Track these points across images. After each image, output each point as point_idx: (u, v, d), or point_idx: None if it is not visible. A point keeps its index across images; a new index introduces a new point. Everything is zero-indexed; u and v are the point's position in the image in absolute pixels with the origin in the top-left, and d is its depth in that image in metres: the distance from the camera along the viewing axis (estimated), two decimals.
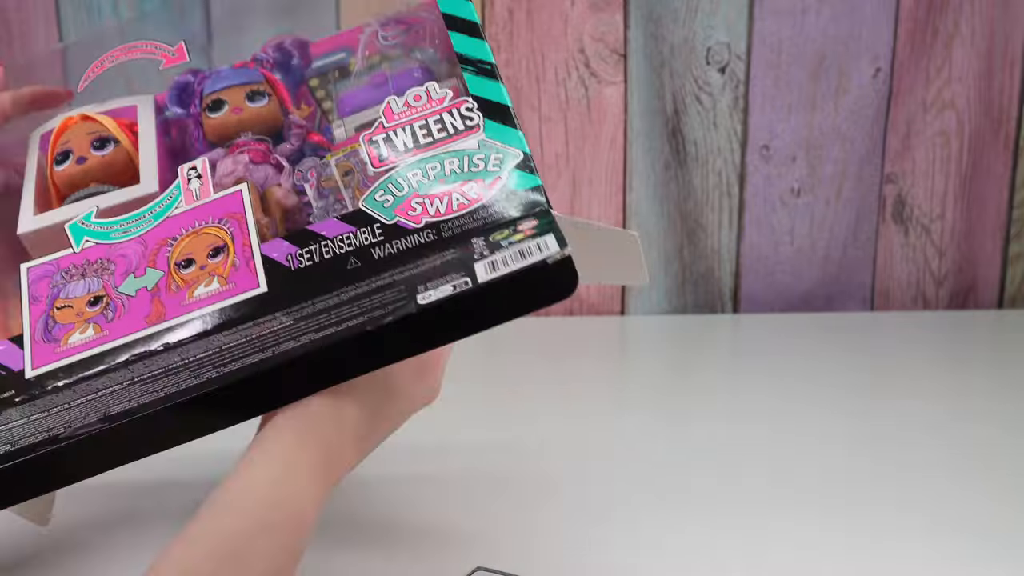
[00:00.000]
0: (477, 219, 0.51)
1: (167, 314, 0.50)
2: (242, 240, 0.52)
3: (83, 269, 0.53)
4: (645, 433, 0.85)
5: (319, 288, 0.50)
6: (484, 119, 0.55)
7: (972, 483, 0.75)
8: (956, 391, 0.93)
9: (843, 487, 0.75)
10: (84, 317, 0.51)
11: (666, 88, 1.12)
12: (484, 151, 0.54)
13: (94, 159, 0.58)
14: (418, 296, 0.48)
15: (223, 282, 0.51)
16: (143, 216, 0.54)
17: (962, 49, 1.11)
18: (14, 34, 1.11)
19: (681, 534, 0.68)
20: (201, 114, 0.60)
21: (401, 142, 0.55)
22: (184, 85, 0.61)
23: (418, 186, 0.53)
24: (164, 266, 0.52)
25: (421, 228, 0.51)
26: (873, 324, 1.15)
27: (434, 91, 0.56)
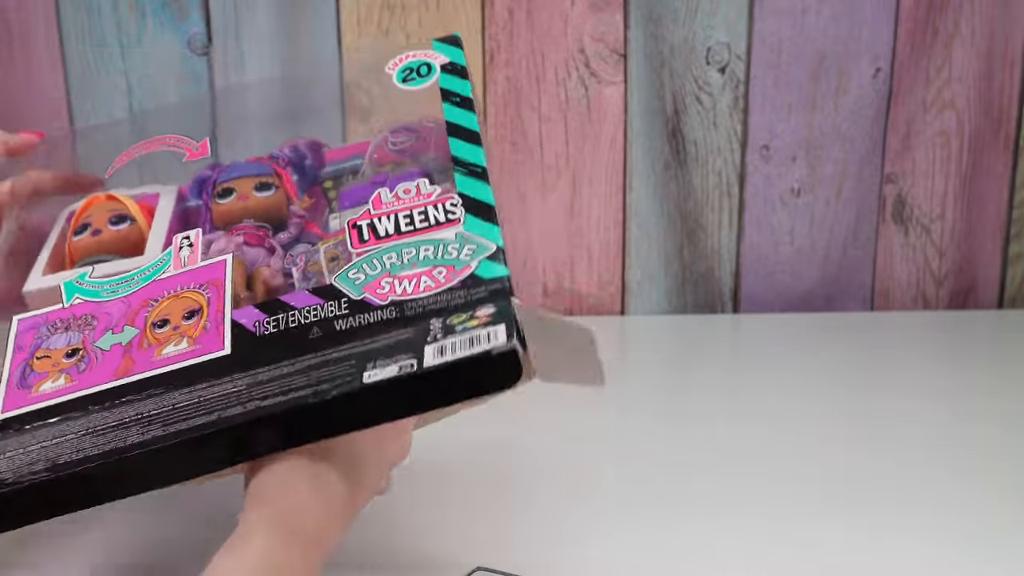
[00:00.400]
0: (439, 301, 0.52)
1: (134, 369, 0.51)
2: (217, 305, 0.54)
3: (68, 323, 0.54)
4: (645, 433, 0.85)
5: (279, 355, 0.51)
6: (466, 214, 0.56)
7: (972, 483, 0.75)
8: (956, 391, 0.93)
9: (843, 487, 0.75)
10: (59, 367, 0.52)
11: (666, 88, 1.12)
12: (459, 242, 0.55)
13: (108, 232, 0.61)
14: (365, 373, 0.49)
15: (191, 343, 0.52)
16: (132, 278, 0.56)
17: (962, 49, 1.11)
18: (14, 34, 1.11)
19: (681, 534, 0.68)
20: (211, 200, 0.62)
21: (383, 228, 0.56)
22: (204, 179, 0.64)
23: (391, 268, 0.54)
24: (141, 324, 0.54)
25: (386, 305, 0.52)
26: (873, 324, 1.15)
27: (424, 186, 0.58)
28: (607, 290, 1.18)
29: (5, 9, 1.11)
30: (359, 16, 1.11)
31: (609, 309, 1.19)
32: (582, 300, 1.19)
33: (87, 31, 1.11)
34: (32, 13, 1.11)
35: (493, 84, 1.12)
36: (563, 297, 1.18)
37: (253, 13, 1.11)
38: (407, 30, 1.11)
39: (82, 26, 1.11)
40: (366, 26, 1.11)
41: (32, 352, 0.53)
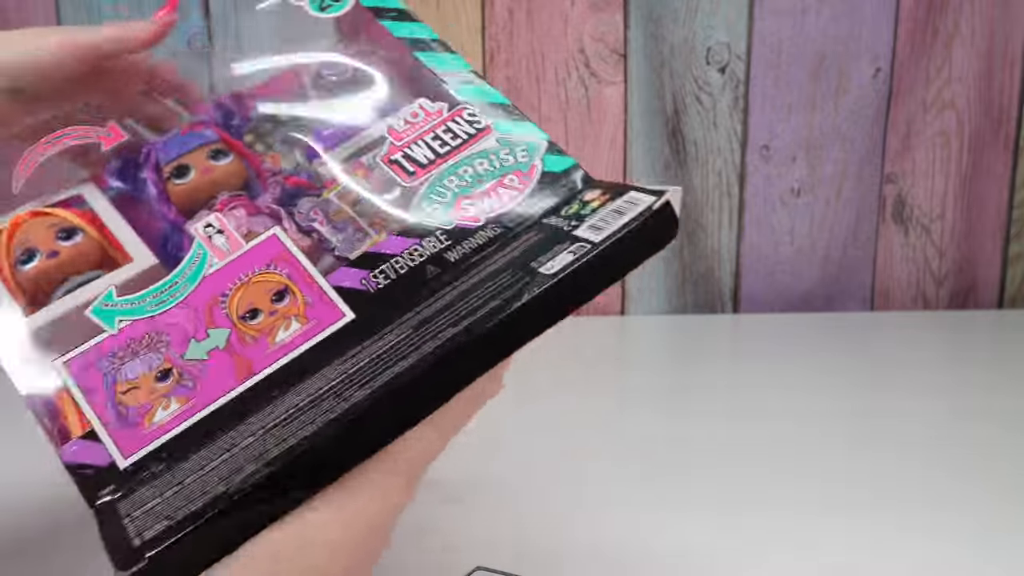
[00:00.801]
0: (534, 205, 0.51)
1: (257, 366, 0.48)
2: (303, 278, 0.50)
3: (132, 348, 0.50)
4: (645, 433, 0.85)
5: (410, 302, 0.48)
6: (491, 120, 0.55)
7: (972, 482, 0.75)
8: (956, 390, 0.93)
9: (843, 486, 0.75)
10: (159, 393, 0.48)
11: (666, 88, 1.12)
12: (507, 146, 0.54)
13: (65, 250, 0.54)
14: (540, 268, 0.47)
15: (303, 320, 0.49)
16: (175, 283, 0.52)
17: (962, 49, 1.11)
18: None
19: (681, 534, 0.68)
20: (165, 185, 0.57)
21: (422, 155, 0.54)
22: (126, 159, 0.58)
23: (459, 190, 0.52)
24: (226, 323, 0.50)
25: (484, 224, 0.51)
26: (873, 324, 1.15)
27: (428, 106, 0.56)
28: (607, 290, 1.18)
29: (5, 9, 1.11)
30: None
31: (609, 309, 1.19)
32: None
33: None
34: (32, 13, 1.11)
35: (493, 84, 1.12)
36: None
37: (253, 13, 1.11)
38: None
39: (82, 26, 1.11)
40: None
41: (110, 389, 0.48)
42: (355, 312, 0.49)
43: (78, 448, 0.46)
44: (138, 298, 0.51)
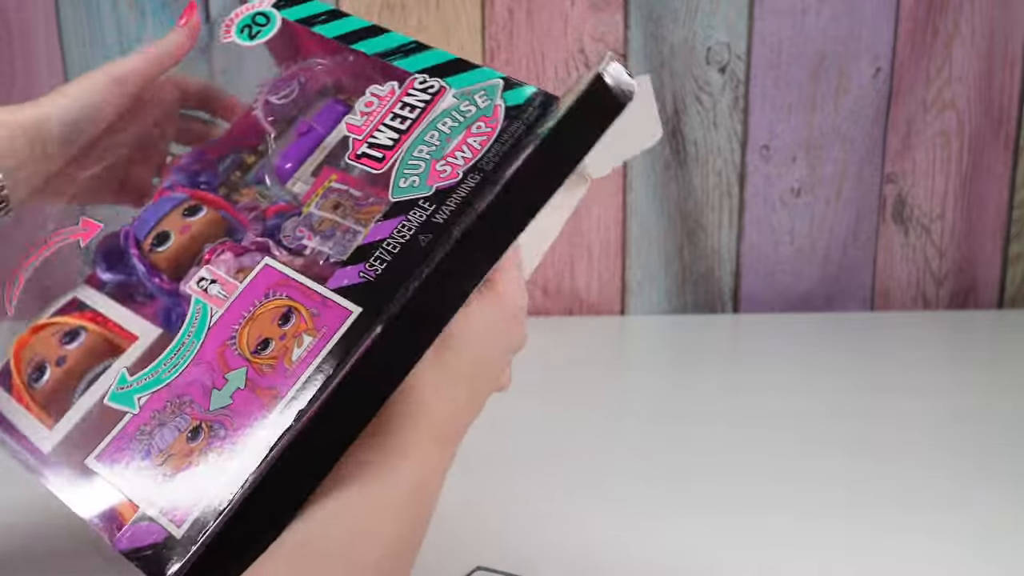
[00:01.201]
0: (507, 140, 0.51)
1: (281, 392, 0.47)
2: (305, 293, 0.50)
3: (158, 419, 0.49)
4: (645, 433, 0.85)
5: (410, 271, 0.48)
6: (443, 79, 0.54)
7: (972, 482, 0.75)
8: (956, 391, 0.93)
9: (843, 487, 0.75)
10: (196, 451, 0.47)
11: (666, 88, 1.12)
12: (465, 99, 0.53)
13: (72, 353, 0.54)
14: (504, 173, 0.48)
15: (314, 333, 0.48)
16: (183, 343, 0.51)
17: (962, 49, 1.11)
18: (14, 34, 1.11)
19: (681, 534, 0.68)
20: (150, 257, 0.56)
21: (386, 138, 0.54)
22: (109, 248, 0.57)
23: (431, 155, 0.52)
24: (241, 362, 0.49)
25: (462, 178, 0.50)
26: (873, 324, 1.15)
27: (379, 90, 0.56)
28: (607, 290, 1.18)
29: (5, 9, 1.11)
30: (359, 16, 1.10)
31: (609, 309, 1.19)
32: (582, 300, 1.19)
33: (87, 31, 1.11)
34: (32, 13, 1.11)
35: None
36: (563, 297, 1.18)
37: None
38: (407, 30, 1.11)
39: (82, 26, 1.11)
40: None
41: (148, 464, 0.47)
42: (361, 305, 0.48)
43: (132, 532, 0.46)
44: (151, 370, 0.51)
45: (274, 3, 0.62)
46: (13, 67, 1.12)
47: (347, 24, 0.60)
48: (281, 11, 0.61)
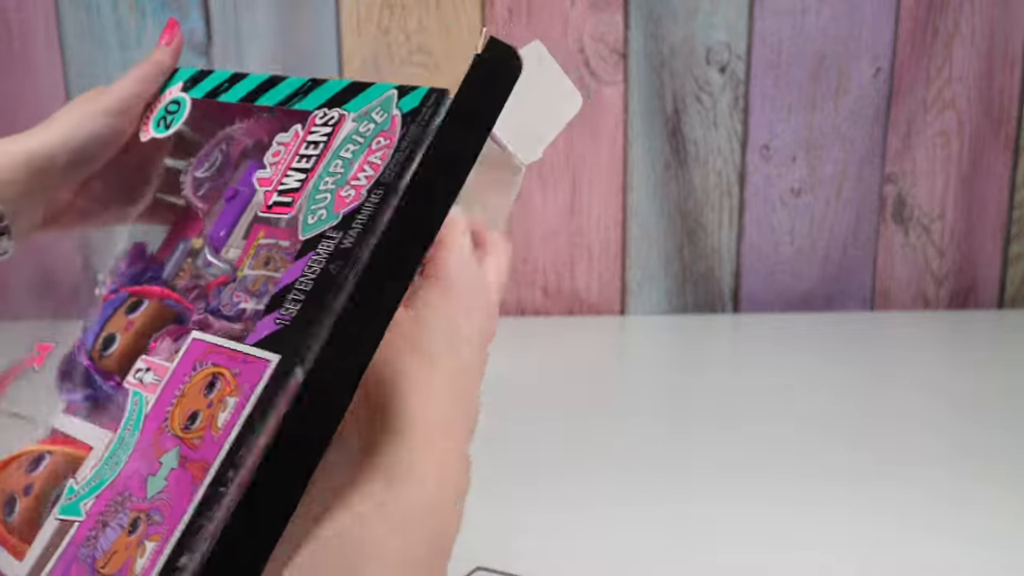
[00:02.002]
0: (406, 146, 0.49)
1: (210, 461, 0.45)
2: (228, 358, 0.48)
3: (102, 520, 0.47)
4: (645, 433, 0.85)
5: (327, 305, 0.46)
6: (341, 107, 0.53)
7: (973, 482, 0.75)
8: (956, 391, 0.93)
9: (844, 487, 0.75)
10: (133, 544, 0.45)
11: (666, 88, 1.12)
12: (364, 120, 0.52)
13: (38, 479, 0.53)
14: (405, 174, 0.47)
15: (236, 393, 0.46)
16: (122, 440, 0.50)
17: (962, 49, 1.11)
18: (14, 34, 1.11)
19: (681, 533, 0.68)
20: (100, 366, 0.55)
21: (294, 180, 0.52)
22: (72, 368, 0.56)
23: (335, 184, 0.51)
24: (173, 442, 0.47)
25: (366, 197, 0.49)
26: (873, 324, 1.15)
27: (284, 137, 0.54)
28: (607, 290, 1.18)
29: (5, 9, 1.11)
30: (359, 16, 1.11)
31: (609, 309, 1.19)
32: (582, 300, 1.19)
33: (87, 31, 1.11)
34: (32, 13, 1.11)
35: None
36: (563, 297, 1.18)
37: (253, 13, 1.11)
38: (407, 30, 1.11)
39: (82, 26, 1.11)
40: (366, 26, 1.11)
41: (92, 568, 0.46)
42: (279, 352, 0.46)
43: None
44: (95, 475, 0.49)
45: (182, 88, 0.61)
46: (13, 67, 1.12)
47: (247, 84, 0.59)
48: (188, 92, 0.61)
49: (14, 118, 1.13)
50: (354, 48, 1.11)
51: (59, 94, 1.12)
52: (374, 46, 1.11)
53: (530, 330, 1.13)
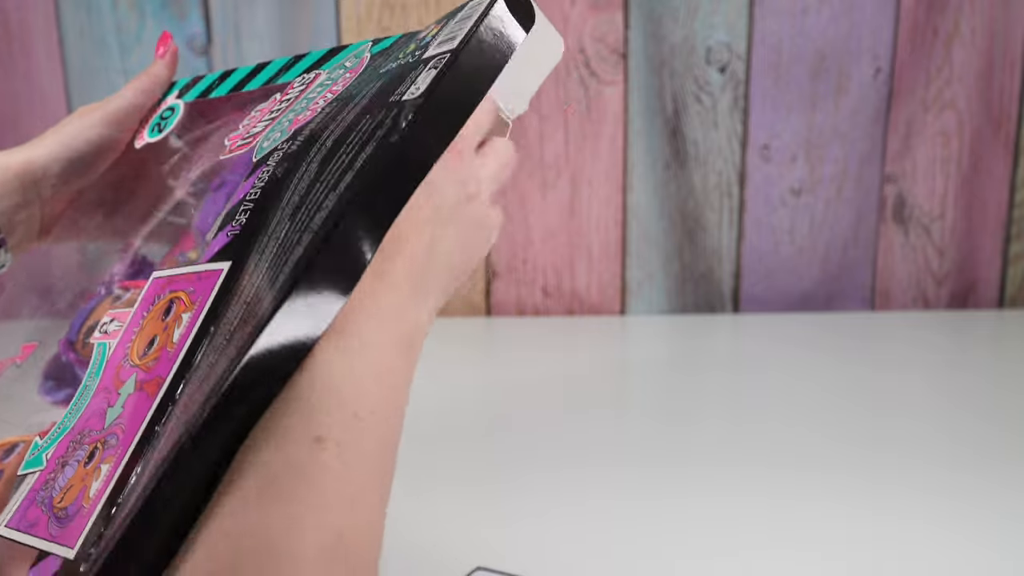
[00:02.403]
0: (375, 66, 0.48)
1: (164, 376, 0.43)
2: (184, 282, 0.46)
3: (61, 462, 0.46)
4: (645, 433, 0.85)
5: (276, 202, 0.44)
6: (319, 68, 0.53)
7: (973, 482, 0.75)
8: (956, 391, 0.93)
9: (844, 486, 0.75)
10: (89, 473, 0.43)
11: (666, 88, 1.12)
12: (337, 69, 0.52)
13: (8, 464, 0.51)
14: (404, 97, 0.43)
15: (191, 307, 0.44)
16: (85, 387, 0.48)
17: (962, 49, 1.11)
18: (14, 34, 1.11)
19: (681, 534, 0.68)
20: (80, 352, 0.53)
21: (261, 126, 0.51)
22: (57, 367, 0.54)
23: (294, 115, 0.50)
24: (131, 371, 0.45)
25: (321, 109, 0.47)
26: (873, 324, 1.15)
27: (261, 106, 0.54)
28: (607, 290, 1.18)
29: (5, 9, 1.11)
30: (359, 15, 1.11)
31: (609, 309, 1.19)
32: (582, 300, 1.19)
33: (87, 31, 1.11)
34: (32, 13, 1.11)
35: None
36: (563, 297, 1.18)
37: (253, 13, 1.11)
38: (407, 30, 1.11)
39: (82, 26, 1.11)
40: (366, 25, 1.11)
41: (49, 508, 0.44)
42: (231, 258, 0.44)
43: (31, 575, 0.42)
44: (58, 426, 0.47)
45: (178, 95, 0.61)
46: (13, 67, 1.12)
47: (235, 76, 0.59)
48: (183, 98, 0.61)
49: (14, 118, 1.13)
50: None
51: (59, 94, 1.12)
52: None
53: (530, 330, 1.13)
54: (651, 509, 0.72)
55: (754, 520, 0.70)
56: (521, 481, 0.76)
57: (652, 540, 0.67)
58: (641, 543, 0.67)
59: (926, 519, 0.70)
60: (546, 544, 0.67)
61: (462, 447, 0.82)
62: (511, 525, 0.70)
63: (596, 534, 0.68)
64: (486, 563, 0.64)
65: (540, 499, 0.73)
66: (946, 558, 0.65)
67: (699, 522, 0.70)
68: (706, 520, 0.70)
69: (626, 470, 0.78)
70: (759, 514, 0.71)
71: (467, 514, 0.71)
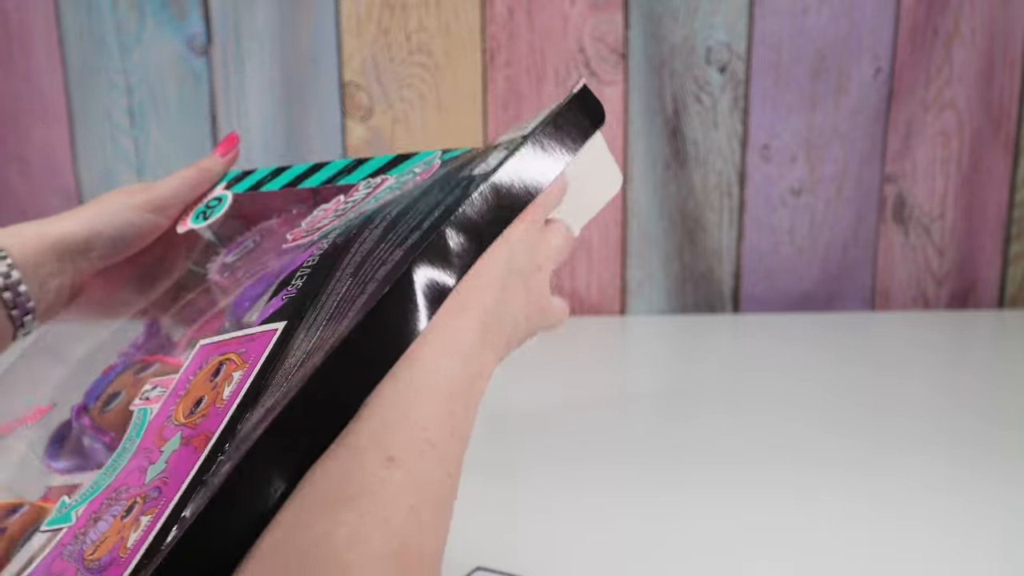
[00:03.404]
0: (447, 165, 0.50)
1: (212, 431, 0.41)
2: (235, 344, 0.45)
3: (94, 517, 0.44)
4: (645, 432, 0.85)
5: (335, 264, 0.45)
6: (386, 172, 0.54)
7: (972, 482, 0.75)
8: (956, 391, 0.93)
9: (843, 486, 0.75)
10: (127, 525, 0.41)
11: (666, 88, 1.12)
12: (404, 175, 0.52)
13: (13, 523, 0.50)
14: (475, 171, 0.46)
15: (243, 366, 0.43)
16: (124, 448, 0.46)
17: (962, 49, 1.11)
18: (14, 34, 1.11)
19: (681, 534, 0.68)
20: (96, 420, 0.52)
21: (327, 224, 0.51)
22: (60, 432, 0.53)
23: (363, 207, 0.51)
24: (176, 430, 0.44)
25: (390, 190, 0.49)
26: (873, 324, 1.15)
27: (325, 205, 0.54)
28: (607, 290, 1.18)
29: (5, 9, 1.11)
30: (359, 16, 1.11)
31: (609, 309, 1.19)
32: (582, 300, 1.19)
33: (87, 31, 1.11)
34: (32, 13, 1.11)
35: (493, 84, 1.12)
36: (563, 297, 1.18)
37: (253, 13, 1.11)
38: (407, 30, 1.11)
39: (82, 26, 1.11)
40: (366, 25, 1.11)
41: (79, 559, 0.42)
42: (286, 319, 0.43)
43: None
44: (90, 486, 0.46)
45: (226, 186, 0.62)
46: (13, 67, 1.12)
47: (291, 173, 0.59)
48: (232, 189, 0.61)
49: (14, 118, 1.13)
50: (354, 48, 1.11)
51: (59, 94, 1.12)
52: (374, 46, 1.11)
53: None
54: (651, 508, 0.72)
55: (754, 520, 0.70)
56: (521, 480, 0.76)
57: (652, 540, 0.67)
58: (641, 543, 0.67)
59: (926, 519, 0.70)
60: (546, 544, 0.67)
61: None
62: (511, 525, 0.70)
63: (596, 533, 0.68)
64: (486, 563, 0.64)
65: (540, 499, 0.73)
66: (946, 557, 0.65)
67: (699, 522, 0.70)
68: (706, 520, 0.70)
69: (626, 469, 0.78)
70: (759, 513, 0.71)
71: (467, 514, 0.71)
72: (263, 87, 1.12)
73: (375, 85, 1.12)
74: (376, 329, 0.40)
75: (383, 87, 1.12)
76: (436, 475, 0.41)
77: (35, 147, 1.14)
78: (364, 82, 1.12)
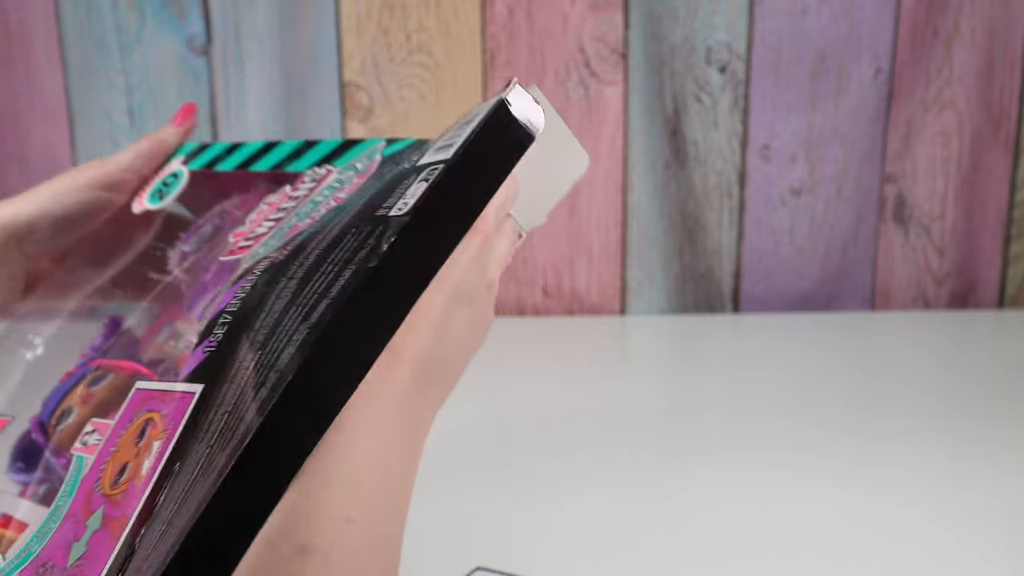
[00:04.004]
0: (384, 174, 0.47)
1: (129, 510, 0.39)
2: (160, 401, 0.44)
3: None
4: (645, 433, 0.85)
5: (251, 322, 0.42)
6: (331, 163, 0.51)
7: (972, 482, 0.75)
8: (956, 390, 0.93)
9: (844, 486, 0.75)
10: None
11: (666, 88, 1.12)
12: (348, 169, 0.50)
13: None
14: (390, 213, 0.40)
15: (162, 435, 0.41)
16: (57, 507, 0.45)
17: (962, 49, 1.11)
18: (14, 34, 1.11)
19: (682, 534, 0.68)
20: (51, 438, 0.50)
21: (264, 228, 0.50)
22: (25, 445, 0.51)
23: (296, 220, 0.48)
24: (100, 502, 0.42)
25: (317, 220, 0.46)
26: (873, 324, 1.15)
27: (272, 199, 0.52)
28: (607, 290, 1.18)
29: (5, 9, 1.11)
30: (359, 16, 1.11)
31: (609, 309, 1.19)
32: (582, 300, 1.19)
33: (87, 31, 1.11)
34: (32, 13, 1.11)
35: (493, 84, 1.12)
36: (563, 297, 1.18)
37: (253, 13, 1.11)
38: (407, 30, 1.11)
39: (82, 26, 1.11)
40: (366, 25, 1.11)
41: None
42: (204, 381, 0.41)
43: None
44: (24, 548, 0.45)
45: (183, 161, 0.60)
46: (13, 67, 1.12)
47: (243, 152, 0.57)
48: (188, 165, 0.59)
49: (14, 118, 1.13)
50: (354, 48, 1.11)
51: (59, 94, 1.12)
52: (374, 46, 1.12)
53: (530, 330, 1.13)
54: (651, 508, 0.72)
55: (754, 519, 0.70)
56: (521, 481, 0.76)
57: (652, 539, 0.67)
58: (641, 542, 0.67)
59: (925, 519, 0.70)
60: (546, 544, 0.67)
61: (461, 447, 0.82)
62: (511, 525, 0.70)
63: (596, 533, 0.68)
64: (486, 563, 0.64)
65: (540, 499, 0.73)
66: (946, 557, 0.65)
67: (699, 521, 0.70)
68: (706, 519, 0.70)
69: (626, 469, 0.78)
70: (759, 513, 0.71)
71: (467, 514, 0.71)
72: (263, 87, 1.12)
73: (375, 85, 1.12)
74: (271, 448, 0.36)
75: (383, 87, 1.12)
76: (364, 551, 0.38)
77: (35, 147, 1.14)
78: (364, 82, 1.12)
